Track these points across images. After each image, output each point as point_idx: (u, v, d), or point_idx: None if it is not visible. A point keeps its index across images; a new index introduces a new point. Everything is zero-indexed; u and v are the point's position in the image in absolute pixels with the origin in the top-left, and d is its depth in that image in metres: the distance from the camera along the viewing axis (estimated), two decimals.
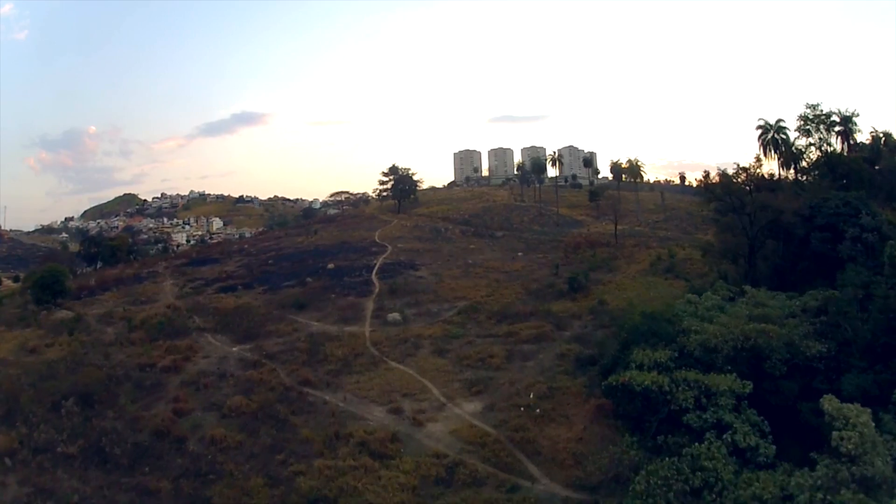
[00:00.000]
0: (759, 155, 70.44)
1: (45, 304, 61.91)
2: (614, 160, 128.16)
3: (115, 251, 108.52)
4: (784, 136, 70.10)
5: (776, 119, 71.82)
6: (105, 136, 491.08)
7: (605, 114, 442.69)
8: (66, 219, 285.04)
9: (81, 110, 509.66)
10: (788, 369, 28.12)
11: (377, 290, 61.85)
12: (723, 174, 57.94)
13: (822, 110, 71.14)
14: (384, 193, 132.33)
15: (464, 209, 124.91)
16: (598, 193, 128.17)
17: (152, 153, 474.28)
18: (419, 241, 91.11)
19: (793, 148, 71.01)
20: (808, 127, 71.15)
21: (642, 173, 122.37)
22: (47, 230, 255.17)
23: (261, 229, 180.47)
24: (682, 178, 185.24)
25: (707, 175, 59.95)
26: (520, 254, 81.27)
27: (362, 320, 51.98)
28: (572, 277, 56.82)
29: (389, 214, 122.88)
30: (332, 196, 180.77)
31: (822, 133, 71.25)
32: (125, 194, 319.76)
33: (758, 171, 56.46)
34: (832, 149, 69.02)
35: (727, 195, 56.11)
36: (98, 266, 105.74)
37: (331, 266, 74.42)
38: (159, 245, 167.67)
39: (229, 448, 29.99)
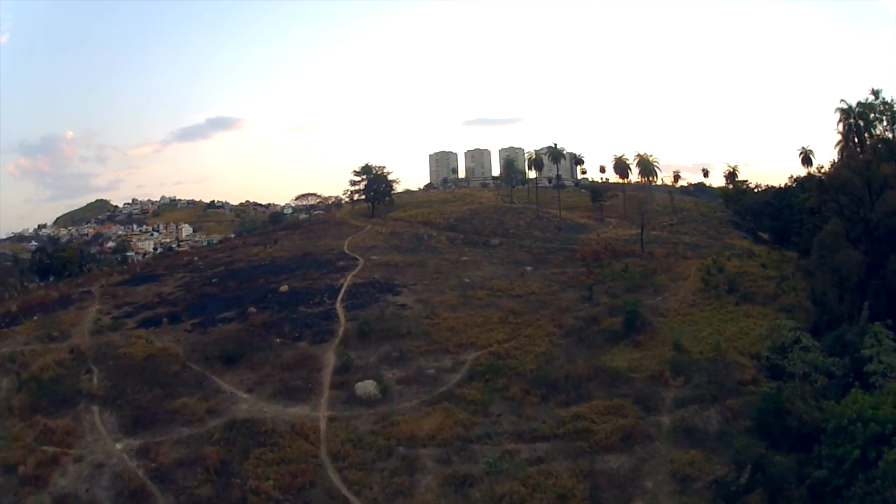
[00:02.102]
0: (849, 143, 56.78)
1: None
2: (617, 156, 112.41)
3: (65, 264, 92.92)
4: (872, 122, 57.09)
5: (857, 102, 59.30)
6: (82, 141, 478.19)
7: (582, 115, 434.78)
8: (38, 226, 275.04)
9: (59, 116, 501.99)
10: None
11: (342, 329, 43.61)
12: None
13: (884, 98, 62.98)
14: (356, 196, 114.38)
15: (447, 212, 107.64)
16: (600, 193, 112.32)
17: (128, 159, 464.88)
18: (398, 252, 73.50)
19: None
20: (871, 115, 62.09)
21: (657, 170, 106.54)
22: (19, 238, 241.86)
23: (231, 235, 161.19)
24: (677, 177, 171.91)
25: (815, 172, 44.00)
26: (528, 268, 63.93)
27: (316, 393, 33.41)
28: (630, 311, 39.50)
29: (362, 219, 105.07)
30: (297, 199, 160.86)
31: (885, 123, 62.21)
32: (97, 200, 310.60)
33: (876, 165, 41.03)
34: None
35: (839, 195, 40.54)
36: (51, 280, 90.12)
37: (284, 288, 57.13)
38: (118, 255, 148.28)
39: None
